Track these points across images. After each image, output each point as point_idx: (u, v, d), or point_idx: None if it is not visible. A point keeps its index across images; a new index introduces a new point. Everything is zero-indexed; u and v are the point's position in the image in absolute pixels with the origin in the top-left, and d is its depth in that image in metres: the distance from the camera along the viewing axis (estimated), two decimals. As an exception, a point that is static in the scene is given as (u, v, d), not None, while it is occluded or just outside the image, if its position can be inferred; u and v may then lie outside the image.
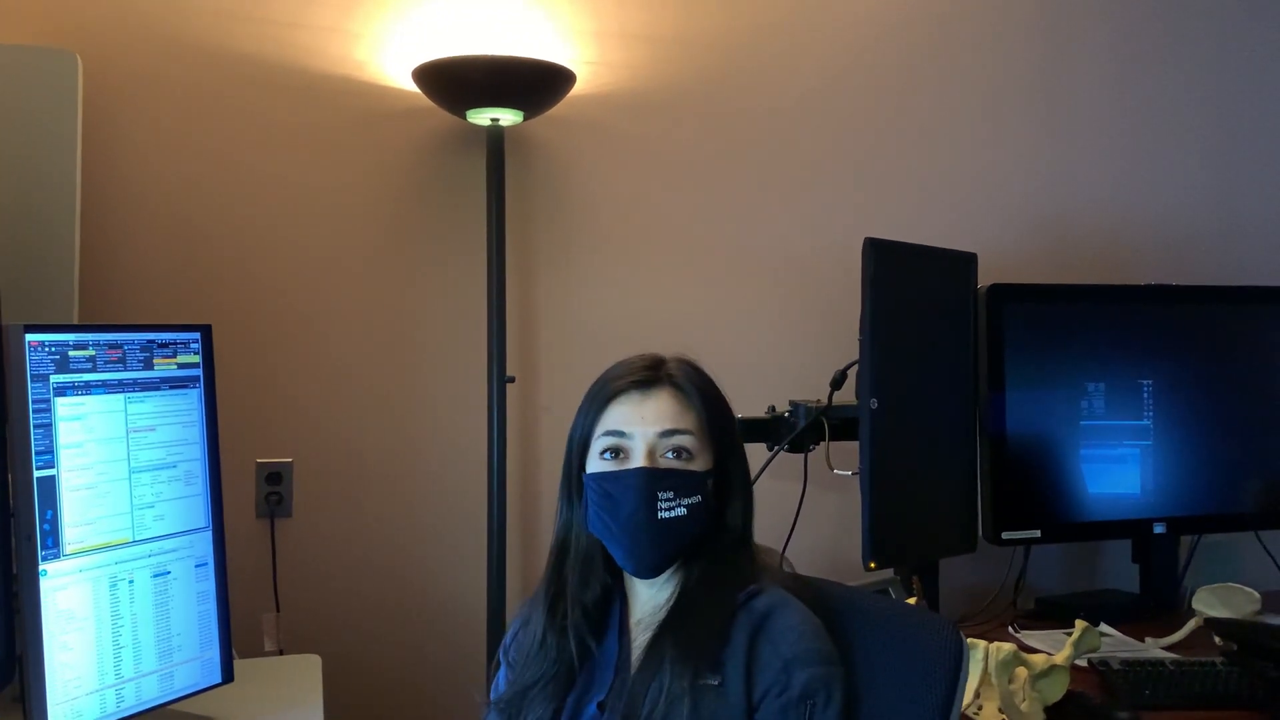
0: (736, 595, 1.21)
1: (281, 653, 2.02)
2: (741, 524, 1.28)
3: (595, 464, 1.24)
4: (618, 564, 1.25)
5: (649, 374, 1.25)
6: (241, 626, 1.67)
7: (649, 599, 1.26)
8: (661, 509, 1.19)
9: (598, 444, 1.24)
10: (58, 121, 1.78)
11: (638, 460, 1.21)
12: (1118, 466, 2.17)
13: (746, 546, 1.28)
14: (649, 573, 1.23)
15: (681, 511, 1.20)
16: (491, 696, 1.31)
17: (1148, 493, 2.18)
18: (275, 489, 2.07)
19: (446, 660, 2.15)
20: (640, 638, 1.23)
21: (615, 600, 1.28)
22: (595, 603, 1.27)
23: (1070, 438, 2.14)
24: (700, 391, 1.25)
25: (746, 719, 1.15)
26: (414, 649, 2.15)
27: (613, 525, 1.21)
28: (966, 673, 1.17)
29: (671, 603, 1.23)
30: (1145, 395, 2.18)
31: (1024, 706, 1.60)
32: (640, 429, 1.22)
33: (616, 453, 1.22)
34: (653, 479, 1.19)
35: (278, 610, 2.06)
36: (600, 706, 1.21)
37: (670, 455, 1.21)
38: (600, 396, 1.25)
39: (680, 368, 1.27)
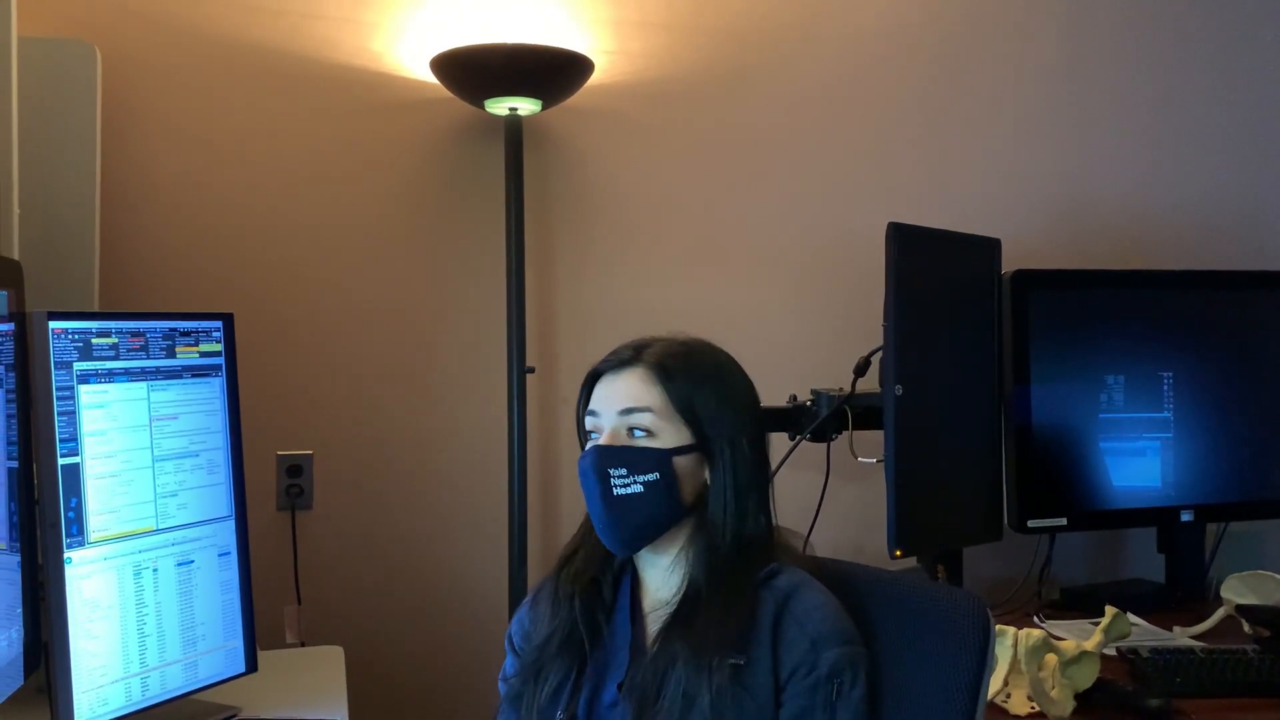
0: (754, 575, 1.20)
1: (303, 645, 2.02)
2: (743, 503, 1.23)
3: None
4: None
5: (629, 354, 1.25)
6: (263, 619, 1.66)
7: (661, 583, 1.25)
8: (615, 486, 1.20)
9: (585, 424, 1.27)
10: (77, 113, 1.80)
11: (603, 439, 1.23)
12: (1138, 459, 2.15)
13: (762, 527, 1.25)
14: (622, 549, 1.24)
15: (637, 488, 1.20)
16: (501, 686, 1.30)
17: (1169, 485, 2.16)
18: (296, 481, 2.07)
19: (468, 651, 2.14)
20: (655, 623, 1.23)
21: (625, 578, 1.28)
22: (604, 573, 1.28)
23: (1091, 429, 2.12)
24: (677, 370, 1.23)
25: (773, 698, 1.15)
26: (435, 641, 2.15)
27: (588, 503, 1.24)
28: (994, 644, 1.15)
29: (684, 587, 1.22)
30: (1165, 388, 2.15)
31: (1054, 694, 1.58)
32: (606, 408, 1.24)
33: (594, 432, 1.25)
34: (603, 456, 1.21)
35: (299, 603, 2.06)
36: (620, 688, 1.20)
37: (635, 433, 1.22)
38: (588, 378, 1.28)
39: (663, 348, 1.25)
